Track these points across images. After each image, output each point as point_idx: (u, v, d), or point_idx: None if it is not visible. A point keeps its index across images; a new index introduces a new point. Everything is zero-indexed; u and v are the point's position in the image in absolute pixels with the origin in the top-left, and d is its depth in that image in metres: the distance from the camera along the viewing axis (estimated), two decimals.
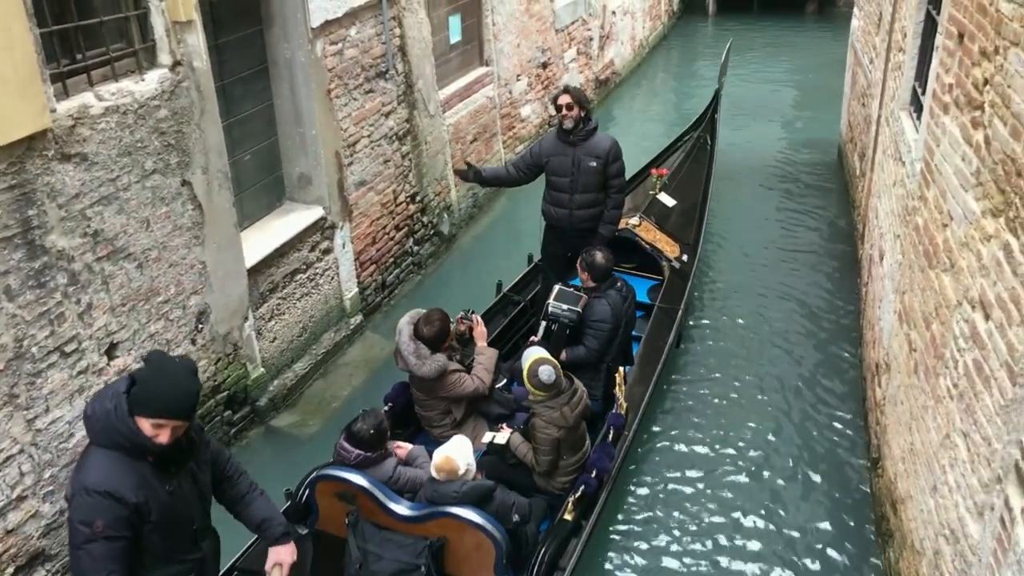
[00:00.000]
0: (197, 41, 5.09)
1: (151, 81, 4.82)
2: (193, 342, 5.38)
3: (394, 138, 7.44)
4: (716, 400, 6.39)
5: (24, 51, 3.94)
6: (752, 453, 5.87)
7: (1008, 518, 2.63)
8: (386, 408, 5.14)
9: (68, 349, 4.44)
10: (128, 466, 3.07)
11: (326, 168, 6.54)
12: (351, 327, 7.10)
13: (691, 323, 7.24)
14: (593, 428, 5.14)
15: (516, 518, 4.35)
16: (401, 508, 4.20)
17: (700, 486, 5.60)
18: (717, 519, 5.35)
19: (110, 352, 4.74)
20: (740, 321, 7.34)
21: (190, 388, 3.14)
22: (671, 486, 5.62)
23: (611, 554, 5.15)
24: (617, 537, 5.27)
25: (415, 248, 8.05)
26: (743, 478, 5.66)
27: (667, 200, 7.79)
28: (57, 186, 4.27)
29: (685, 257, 7.05)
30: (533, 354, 4.69)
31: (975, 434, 3.10)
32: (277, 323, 6.28)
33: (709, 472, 5.70)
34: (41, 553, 4.38)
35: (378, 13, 6.96)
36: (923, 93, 5.05)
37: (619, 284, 5.56)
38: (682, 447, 5.95)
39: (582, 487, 4.62)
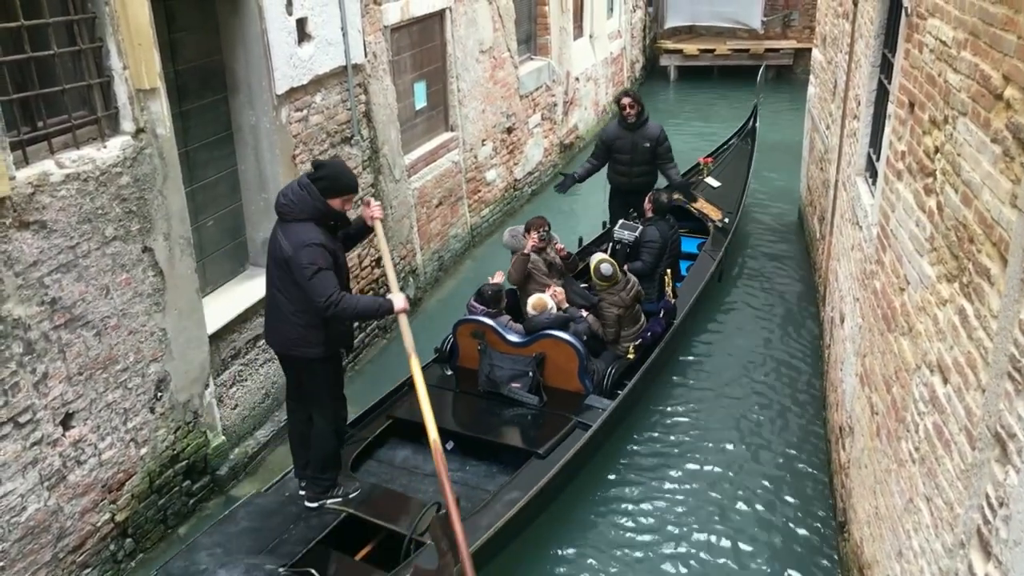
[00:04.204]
0: (161, 108, 5.10)
1: (113, 148, 4.81)
2: (152, 410, 5.28)
3: (358, 203, 7.44)
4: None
5: None
6: (719, 507, 5.85)
7: None
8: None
9: (22, 420, 4.34)
10: (319, 229, 4.68)
11: None
12: None
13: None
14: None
15: (585, 337, 6.30)
16: (514, 337, 6.28)
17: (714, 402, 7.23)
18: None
19: (65, 422, 4.64)
20: (707, 386, 7.37)
21: (354, 174, 5.04)
22: (712, 359, 7.75)
23: (659, 390, 7.16)
24: (665, 382, 7.31)
25: None
26: (705, 535, 5.62)
27: (713, 182, 9.93)
28: (14, 254, 4.22)
29: (727, 220, 9.11)
30: (597, 256, 6.78)
31: (937, 498, 3.10)
32: (239, 390, 6.20)
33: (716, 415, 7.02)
34: None
35: (343, 80, 7.03)
36: (877, 159, 5.16)
37: (668, 218, 7.74)
38: (717, 348, 7.97)
39: (640, 340, 6.70)
